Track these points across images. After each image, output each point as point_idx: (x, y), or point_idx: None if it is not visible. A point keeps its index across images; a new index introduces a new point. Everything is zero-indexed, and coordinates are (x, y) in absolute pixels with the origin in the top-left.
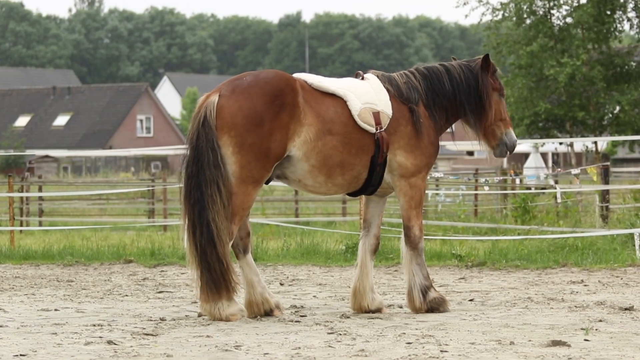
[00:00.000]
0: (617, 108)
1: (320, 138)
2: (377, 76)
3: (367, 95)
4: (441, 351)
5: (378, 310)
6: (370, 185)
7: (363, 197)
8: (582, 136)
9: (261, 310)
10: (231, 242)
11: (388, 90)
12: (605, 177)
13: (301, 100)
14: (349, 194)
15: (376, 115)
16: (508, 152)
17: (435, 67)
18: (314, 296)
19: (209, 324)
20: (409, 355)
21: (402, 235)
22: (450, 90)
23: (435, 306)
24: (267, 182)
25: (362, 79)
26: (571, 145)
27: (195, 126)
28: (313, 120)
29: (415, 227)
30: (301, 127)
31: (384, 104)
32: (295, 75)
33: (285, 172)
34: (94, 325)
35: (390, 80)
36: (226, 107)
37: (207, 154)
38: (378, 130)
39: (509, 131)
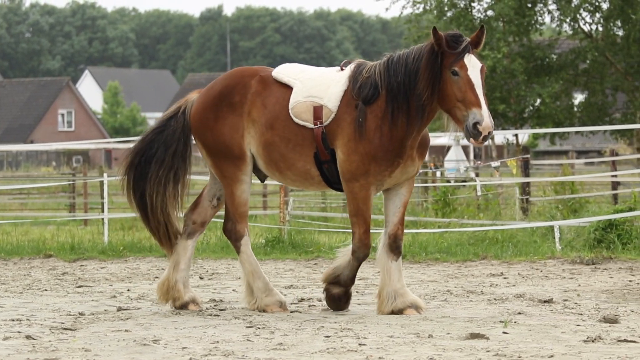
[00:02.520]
0: (538, 101)
1: (263, 133)
2: (353, 67)
3: (315, 88)
4: (359, 344)
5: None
6: (331, 182)
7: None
8: (503, 129)
9: (168, 297)
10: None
11: (349, 84)
12: (526, 169)
13: (250, 97)
14: (337, 190)
15: (318, 109)
16: (477, 136)
17: (396, 55)
18: (234, 290)
19: (127, 319)
20: (327, 348)
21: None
22: (405, 80)
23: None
24: (262, 180)
25: (342, 69)
26: (492, 137)
27: (174, 110)
28: (258, 115)
29: (355, 236)
30: (251, 124)
31: (330, 98)
32: (280, 66)
33: None
34: (13, 320)
35: (358, 72)
36: (192, 109)
37: (178, 142)
38: (317, 126)
39: (473, 111)
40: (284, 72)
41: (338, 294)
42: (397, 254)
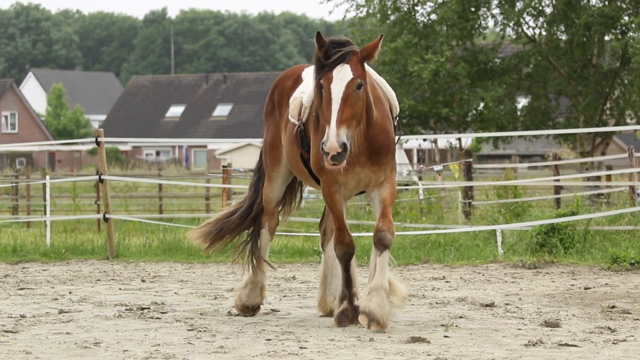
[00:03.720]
0: (481, 105)
1: (283, 129)
2: None
3: (308, 85)
4: (300, 347)
5: None
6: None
7: None
8: (446, 132)
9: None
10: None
11: None
12: (468, 173)
13: (284, 97)
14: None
15: (301, 106)
16: (325, 156)
17: None
18: (175, 293)
19: (69, 321)
20: (268, 351)
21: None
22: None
23: None
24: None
25: None
26: (435, 141)
27: None
28: (284, 114)
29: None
30: (283, 124)
31: (306, 95)
32: None
33: None
34: None
35: None
36: None
37: None
38: (299, 122)
39: (326, 129)
40: (310, 69)
41: (343, 310)
42: (379, 248)
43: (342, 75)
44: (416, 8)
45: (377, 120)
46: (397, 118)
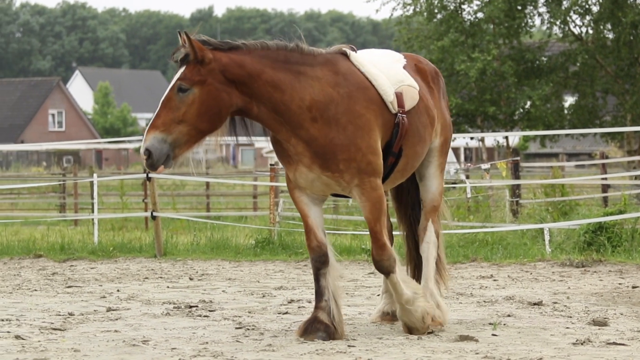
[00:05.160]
0: (528, 103)
1: None
2: None
3: None
4: (348, 346)
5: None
6: None
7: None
8: (493, 131)
9: None
10: None
11: None
12: (516, 172)
13: None
14: None
15: None
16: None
17: None
18: (223, 291)
19: (117, 319)
20: (317, 350)
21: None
22: None
23: None
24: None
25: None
26: (482, 140)
27: None
28: None
29: None
30: None
31: None
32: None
33: None
34: (2, 320)
35: None
36: None
37: None
38: None
39: None
40: None
41: (307, 320)
42: (383, 274)
43: (175, 78)
44: (463, 6)
45: (314, 124)
46: (401, 113)
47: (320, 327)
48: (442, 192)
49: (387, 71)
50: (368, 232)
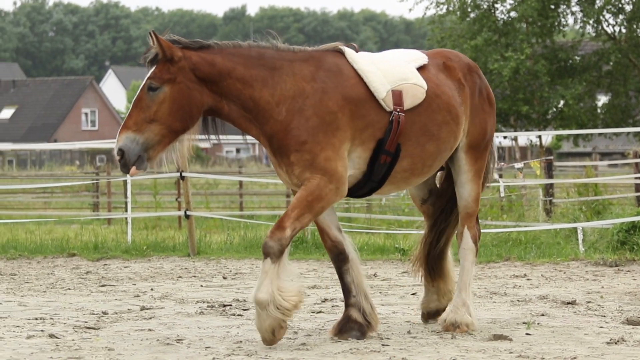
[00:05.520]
0: (561, 102)
1: None
2: None
3: None
4: (382, 345)
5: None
6: None
7: None
8: (526, 130)
9: None
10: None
11: None
12: (549, 171)
13: None
14: None
15: None
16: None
17: None
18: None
19: (151, 318)
20: (350, 349)
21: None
22: None
23: None
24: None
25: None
26: (515, 139)
27: None
28: None
29: None
30: None
31: None
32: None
33: None
34: (36, 319)
35: None
36: None
37: None
38: None
39: None
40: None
41: (339, 321)
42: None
43: (145, 78)
44: (496, 5)
45: (278, 117)
46: (398, 111)
47: (354, 327)
48: (476, 198)
49: (389, 70)
50: (401, 232)
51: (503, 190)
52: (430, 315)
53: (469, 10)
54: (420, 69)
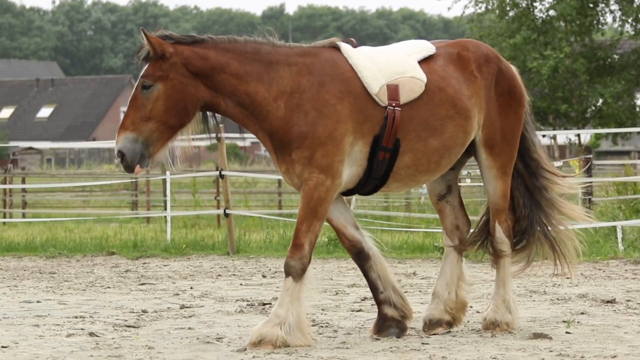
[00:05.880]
0: (600, 101)
1: None
2: None
3: None
4: (422, 343)
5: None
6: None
7: None
8: (565, 129)
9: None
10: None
11: None
12: (588, 169)
13: None
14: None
15: None
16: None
17: None
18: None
19: (190, 316)
20: (390, 347)
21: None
22: None
23: None
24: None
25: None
26: (554, 137)
27: None
28: None
29: None
30: None
31: None
32: None
33: None
34: (76, 317)
35: None
36: None
37: None
38: None
39: None
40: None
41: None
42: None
43: (139, 76)
44: (535, 4)
45: (277, 113)
46: (393, 106)
47: (391, 324)
48: (504, 195)
49: (385, 63)
50: (440, 230)
51: None
52: (431, 324)
53: (508, 8)
54: (425, 61)
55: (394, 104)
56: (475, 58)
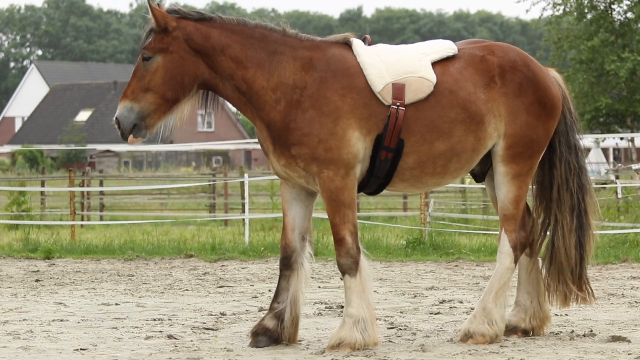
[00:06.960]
0: None
1: None
2: None
3: None
4: (501, 346)
5: None
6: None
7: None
8: None
9: None
10: None
11: None
12: None
13: None
14: None
15: None
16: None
17: None
18: (374, 291)
19: None
20: (469, 350)
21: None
22: None
23: None
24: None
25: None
26: (632, 140)
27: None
28: None
29: None
30: None
31: None
32: None
33: None
34: (155, 320)
35: None
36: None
37: None
38: None
39: None
40: None
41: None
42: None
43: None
44: (613, 6)
45: (276, 106)
46: (397, 106)
47: (264, 336)
48: (514, 200)
49: (394, 62)
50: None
51: (620, 191)
52: (506, 330)
53: (586, 11)
54: (442, 62)
55: (398, 104)
56: (500, 63)
